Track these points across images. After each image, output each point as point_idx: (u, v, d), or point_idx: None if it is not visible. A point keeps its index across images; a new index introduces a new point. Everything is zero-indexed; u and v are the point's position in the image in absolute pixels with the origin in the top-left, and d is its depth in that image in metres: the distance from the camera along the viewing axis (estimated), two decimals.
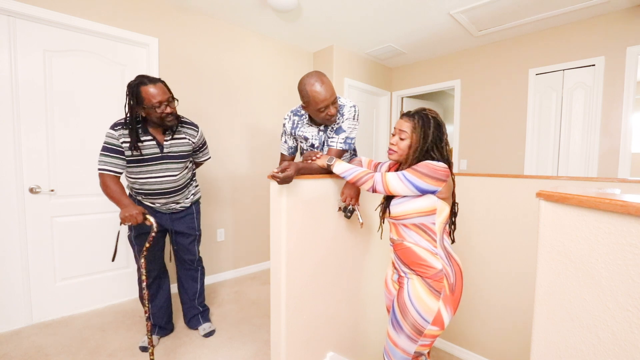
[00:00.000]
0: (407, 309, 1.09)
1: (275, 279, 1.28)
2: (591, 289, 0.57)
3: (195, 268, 1.98)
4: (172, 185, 1.74)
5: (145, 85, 1.54)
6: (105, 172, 1.56)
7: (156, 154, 1.66)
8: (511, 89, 3.18)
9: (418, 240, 1.11)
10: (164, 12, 2.49)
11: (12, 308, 1.98)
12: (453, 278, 1.09)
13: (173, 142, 1.71)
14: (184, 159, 1.76)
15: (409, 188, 1.06)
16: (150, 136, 1.65)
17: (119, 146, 1.58)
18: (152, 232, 1.46)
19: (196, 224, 1.92)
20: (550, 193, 0.63)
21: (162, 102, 1.56)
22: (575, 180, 1.53)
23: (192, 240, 1.92)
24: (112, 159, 1.57)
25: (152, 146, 1.65)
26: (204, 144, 1.95)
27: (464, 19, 2.73)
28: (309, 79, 1.38)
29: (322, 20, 2.82)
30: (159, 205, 1.79)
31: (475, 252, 1.81)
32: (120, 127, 1.58)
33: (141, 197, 1.76)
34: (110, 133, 1.57)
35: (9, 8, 1.87)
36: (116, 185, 1.56)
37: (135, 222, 1.46)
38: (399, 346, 1.11)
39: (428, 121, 1.12)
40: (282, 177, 1.13)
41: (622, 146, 2.60)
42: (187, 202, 1.87)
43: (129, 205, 1.50)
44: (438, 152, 1.12)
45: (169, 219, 1.83)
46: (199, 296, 2.02)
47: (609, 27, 2.62)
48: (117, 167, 1.59)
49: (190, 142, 1.78)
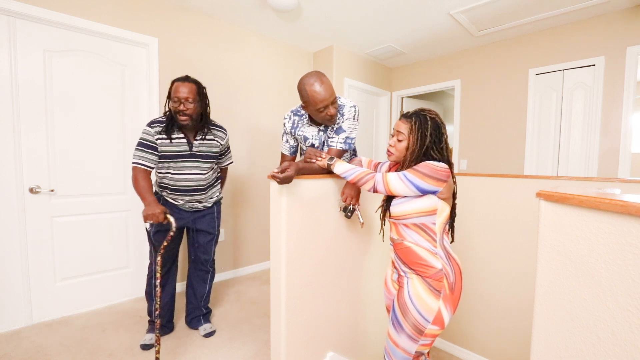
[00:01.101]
0: (408, 308, 1.09)
1: (275, 279, 1.28)
2: (591, 289, 0.57)
3: (207, 269, 2.01)
4: (198, 184, 1.81)
5: (177, 81, 1.70)
6: (139, 166, 1.66)
7: (185, 152, 1.74)
8: (511, 89, 3.18)
9: (418, 239, 1.11)
10: (164, 12, 2.49)
11: (12, 308, 1.98)
12: (453, 277, 1.09)
13: (203, 142, 1.79)
14: (211, 159, 1.84)
15: (409, 188, 1.06)
16: (182, 134, 1.75)
17: (154, 142, 1.68)
18: (171, 231, 1.49)
19: (216, 224, 1.98)
20: (550, 193, 0.63)
21: (180, 98, 1.66)
22: (575, 180, 1.53)
23: (211, 239, 1.97)
24: (145, 154, 1.67)
25: (182, 144, 1.74)
26: (228, 148, 2.02)
27: (464, 19, 2.73)
28: (308, 79, 1.37)
29: (322, 20, 2.82)
30: (182, 203, 1.83)
31: (475, 252, 1.81)
32: (157, 125, 1.70)
33: (166, 193, 1.82)
34: (147, 130, 1.68)
35: (9, 8, 1.87)
36: (145, 180, 1.64)
37: (156, 221, 1.52)
38: (400, 346, 1.11)
39: (426, 122, 1.11)
40: (282, 177, 1.13)
41: (622, 146, 2.60)
42: (210, 202, 1.93)
43: (151, 203, 1.56)
44: (438, 153, 1.11)
45: (191, 217, 1.88)
46: (206, 298, 2.04)
47: (609, 27, 2.62)
48: (149, 162, 1.68)
49: (218, 144, 1.87)
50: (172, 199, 1.83)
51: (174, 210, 1.82)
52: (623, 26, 2.55)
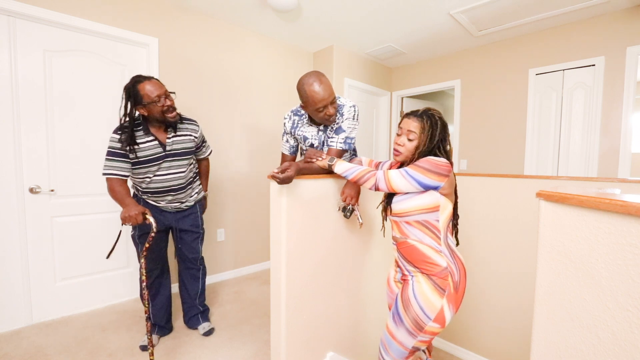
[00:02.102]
0: (410, 303, 1.08)
1: (275, 279, 1.28)
2: (591, 289, 0.57)
3: (197, 267, 1.99)
4: (178, 183, 1.78)
5: (141, 83, 1.58)
6: (112, 177, 1.60)
7: (159, 154, 1.68)
8: (511, 89, 3.18)
9: (422, 237, 1.10)
10: (164, 12, 2.49)
11: (12, 308, 1.98)
12: (458, 276, 1.08)
13: (176, 139, 1.74)
14: (187, 155, 1.79)
15: (411, 184, 1.06)
16: (152, 137, 1.67)
17: (123, 149, 1.61)
18: (152, 232, 1.47)
19: (200, 222, 1.96)
20: (550, 193, 0.63)
21: (160, 95, 1.60)
22: (575, 180, 1.53)
23: (196, 238, 1.95)
24: (117, 163, 1.60)
25: (154, 146, 1.67)
26: (204, 140, 1.98)
27: (464, 19, 2.73)
28: (307, 79, 1.37)
29: (322, 20, 2.82)
30: (164, 204, 1.80)
31: (475, 252, 1.81)
32: (124, 132, 1.61)
33: (146, 197, 1.78)
34: (114, 137, 1.60)
35: (9, 8, 1.87)
36: (121, 187, 1.60)
37: (135, 223, 1.48)
38: (397, 339, 1.11)
39: (435, 122, 1.11)
40: (282, 177, 1.13)
41: (622, 146, 2.60)
42: (192, 201, 1.90)
43: (130, 205, 1.52)
44: (444, 153, 1.12)
45: (174, 217, 1.86)
46: (200, 295, 2.03)
47: (609, 27, 2.62)
48: (122, 171, 1.62)
49: (192, 137, 1.82)
50: (154, 201, 1.79)
51: (156, 212, 1.79)
52: (623, 26, 2.55)
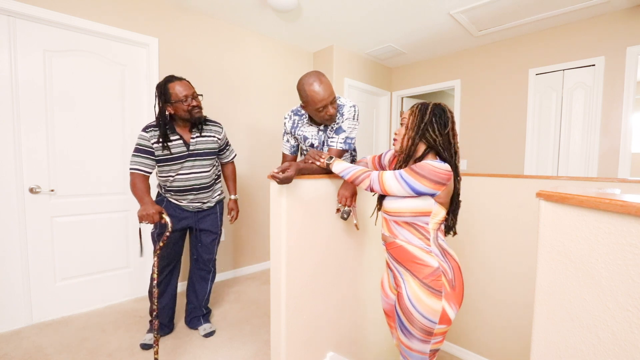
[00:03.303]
0: (412, 314, 1.06)
1: (275, 279, 1.28)
2: (591, 289, 0.57)
3: (209, 269, 2.01)
4: (200, 183, 1.82)
5: (172, 82, 1.68)
6: (136, 172, 1.67)
7: (183, 152, 1.74)
8: (511, 89, 3.18)
9: (410, 238, 1.08)
10: (164, 12, 2.49)
11: (12, 308, 1.98)
12: (451, 274, 1.07)
13: (200, 139, 1.79)
14: (210, 156, 1.84)
15: (404, 189, 1.03)
16: (177, 135, 1.74)
17: (150, 147, 1.69)
18: (167, 231, 1.49)
19: (219, 224, 1.99)
20: (550, 193, 0.63)
21: (188, 95, 1.68)
22: (575, 180, 1.53)
23: (214, 238, 1.98)
24: (142, 159, 1.68)
25: (179, 145, 1.74)
26: (228, 142, 2.02)
27: (464, 19, 2.73)
28: (307, 79, 1.37)
29: (322, 20, 2.82)
30: (186, 203, 1.84)
31: (475, 251, 1.81)
32: (152, 129, 1.69)
33: (169, 195, 1.83)
34: (142, 135, 1.68)
35: (9, 8, 1.87)
36: (142, 183, 1.66)
37: (151, 221, 1.51)
38: (414, 349, 1.10)
39: (425, 108, 1.09)
40: (282, 177, 1.13)
41: (622, 146, 2.59)
42: (213, 202, 1.93)
43: (147, 203, 1.56)
44: (439, 135, 1.06)
45: (195, 217, 1.89)
46: (207, 298, 2.04)
47: (609, 27, 2.62)
48: (146, 167, 1.69)
49: (216, 139, 1.86)
50: (176, 200, 1.83)
51: (177, 211, 1.82)
52: (623, 26, 2.55)
